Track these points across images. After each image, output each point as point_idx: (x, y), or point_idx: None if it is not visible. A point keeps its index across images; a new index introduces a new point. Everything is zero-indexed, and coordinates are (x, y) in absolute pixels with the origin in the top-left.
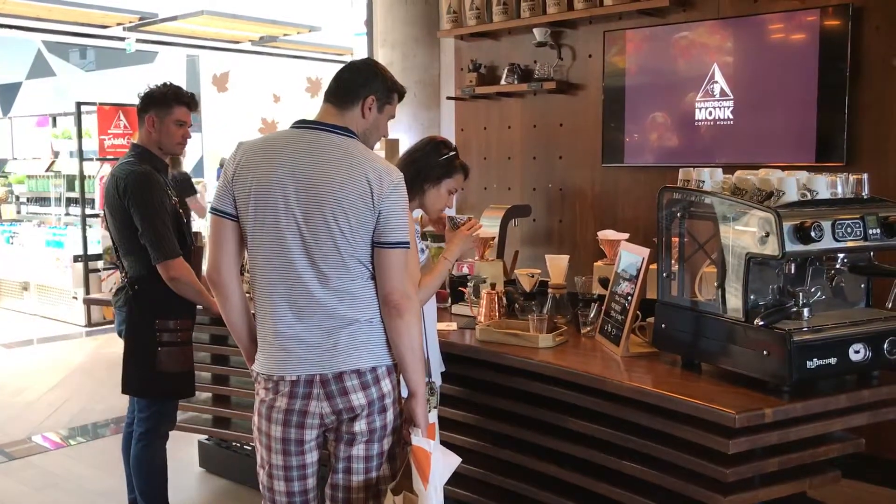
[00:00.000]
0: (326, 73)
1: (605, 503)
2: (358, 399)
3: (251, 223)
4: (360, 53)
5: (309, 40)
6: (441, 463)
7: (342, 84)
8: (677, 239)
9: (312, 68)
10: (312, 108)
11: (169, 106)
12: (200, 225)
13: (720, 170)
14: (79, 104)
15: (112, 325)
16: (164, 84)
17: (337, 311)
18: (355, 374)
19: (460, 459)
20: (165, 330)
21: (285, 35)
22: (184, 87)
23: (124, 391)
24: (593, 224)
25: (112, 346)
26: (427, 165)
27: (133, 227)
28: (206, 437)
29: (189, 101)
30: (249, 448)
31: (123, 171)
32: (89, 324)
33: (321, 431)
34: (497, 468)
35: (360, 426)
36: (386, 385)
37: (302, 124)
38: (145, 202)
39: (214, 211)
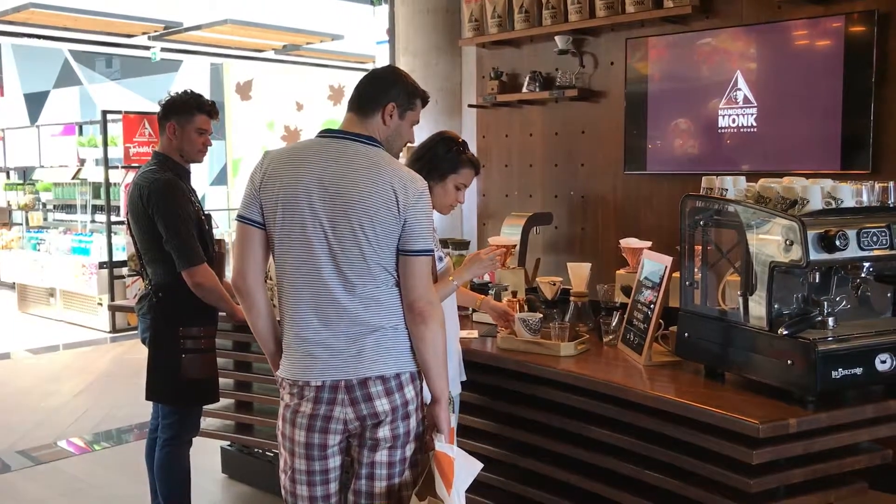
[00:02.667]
0: (349, 81)
1: None
2: (382, 405)
3: (278, 231)
4: (383, 61)
5: (332, 49)
6: (464, 468)
7: (363, 93)
8: (700, 247)
9: (335, 76)
10: (335, 115)
11: (190, 114)
12: (222, 232)
13: (743, 178)
14: (104, 112)
15: (136, 331)
16: (185, 92)
17: (362, 317)
18: (380, 380)
19: (482, 465)
20: (189, 337)
21: (308, 44)
22: (208, 95)
23: (148, 398)
24: (615, 232)
25: (136, 352)
26: (432, 161)
27: (157, 235)
28: (229, 443)
29: (210, 109)
30: (272, 454)
31: (146, 179)
32: (114, 330)
33: (345, 437)
34: (518, 477)
35: (383, 432)
36: (409, 392)
37: (327, 133)
38: (169, 209)
39: (241, 219)
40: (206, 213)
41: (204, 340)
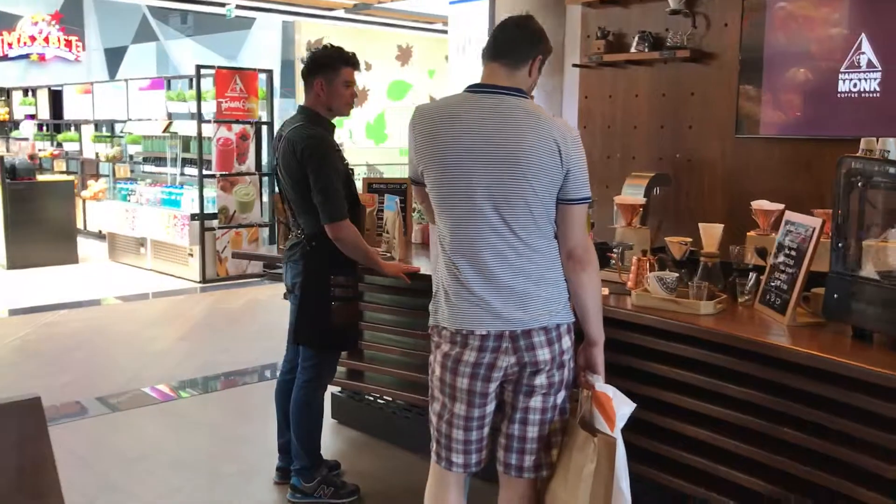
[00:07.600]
0: (416, 42)
1: (769, 472)
2: (543, 355)
3: (440, 188)
4: (454, 22)
5: (403, 8)
6: (621, 407)
7: (512, 44)
8: (855, 209)
9: (403, 37)
10: (403, 76)
11: (336, 68)
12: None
13: None
14: (198, 67)
15: (226, 282)
16: (326, 47)
17: (526, 269)
18: (542, 330)
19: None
20: (338, 285)
21: (380, 2)
22: (278, 53)
23: (296, 341)
24: (721, 195)
25: (228, 301)
26: None
27: (310, 188)
28: (339, 389)
29: (354, 60)
30: (383, 401)
31: (299, 134)
32: (204, 280)
33: (502, 382)
34: (657, 436)
35: (540, 380)
36: (566, 342)
37: (478, 88)
38: (322, 165)
39: (413, 182)
40: (351, 168)
41: (351, 289)
